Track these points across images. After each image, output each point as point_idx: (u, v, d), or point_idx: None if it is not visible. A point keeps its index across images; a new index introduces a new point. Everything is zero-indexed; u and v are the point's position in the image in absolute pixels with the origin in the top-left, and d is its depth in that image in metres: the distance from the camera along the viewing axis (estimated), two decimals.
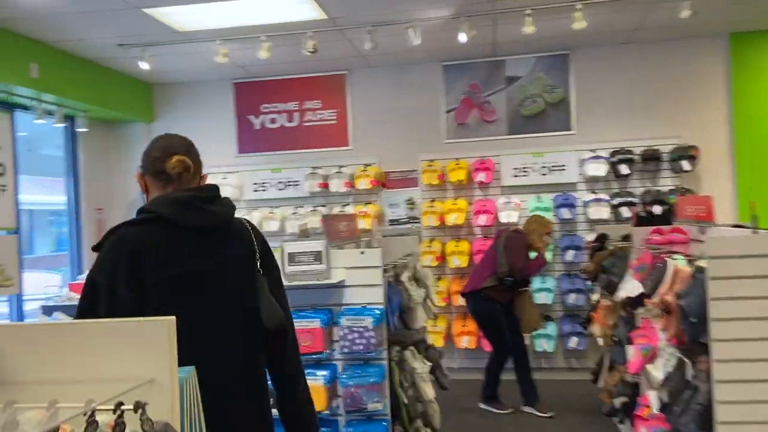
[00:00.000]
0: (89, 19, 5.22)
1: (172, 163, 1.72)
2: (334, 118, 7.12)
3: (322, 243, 3.01)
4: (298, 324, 2.93)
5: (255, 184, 7.03)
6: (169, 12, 5.17)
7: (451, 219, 6.35)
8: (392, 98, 7.00)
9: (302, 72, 7.05)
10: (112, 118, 7.11)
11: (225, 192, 1.79)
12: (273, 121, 7.22)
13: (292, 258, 3.00)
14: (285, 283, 2.01)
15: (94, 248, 1.67)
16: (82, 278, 6.65)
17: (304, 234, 3.32)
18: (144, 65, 6.01)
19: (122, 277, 1.57)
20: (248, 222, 1.86)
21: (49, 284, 7.15)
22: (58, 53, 6.00)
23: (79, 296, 1.63)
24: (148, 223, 1.65)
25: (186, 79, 7.21)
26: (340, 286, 3.09)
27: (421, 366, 3.68)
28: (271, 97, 7.21)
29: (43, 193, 9.48)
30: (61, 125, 6.30)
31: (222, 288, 1.70)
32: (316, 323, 2.92)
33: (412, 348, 3.69)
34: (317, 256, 3.00)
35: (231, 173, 6.98)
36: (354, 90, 7.08)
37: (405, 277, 3.63)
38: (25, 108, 5.99)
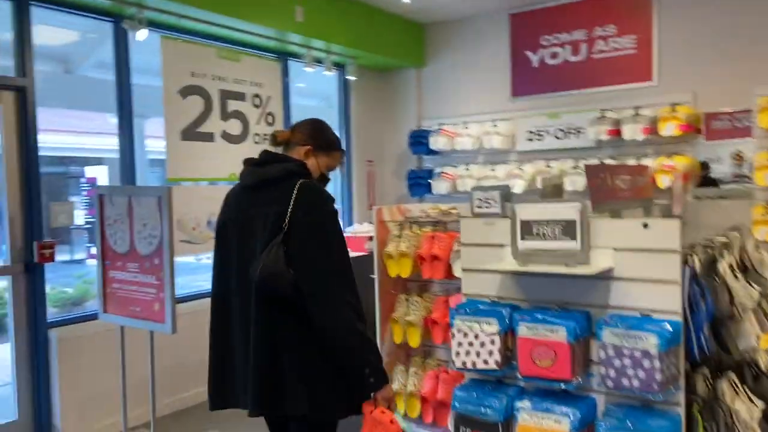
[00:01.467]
0: None
1: (274, 134, 2.26)
2: (633, 46, 5.56)
3: (576, 207, 1.88)
4: (533, 330, 1.87)
5: (529, 132, 5.92)
6: None
7: None
8: (718, 16, 5.15)
9: None
10: (382, 64, 6.67)
11: (492, 142, 1.45)
12: (554, 56, 5.97)
13: (528, 228, 1.93)
14: (515, 266, 2.00)
15: None
16: (352, 230, 6.45)
17: (553, 192, 2.20)
18: None
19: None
20: (304, 186, 2.04)
21: None
22: None
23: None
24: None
25: (458, 14, 6.37)
26: (604, 277, 1.92)
27: (747, 408, 2.28)
28: (553, 26, 5.95)
29: None
30: (330, 73, 6.03)
31: (243, 238, 2.09)
32: (559, 334, 1.83)
33: (731, 376, 2.31)
34: (568, 228, 1.88)
35: (502, 120, 5.99)
36: (663, 8, 5.41)
37: (724, 266, 2.25)
38: (296, 56, 5.85)
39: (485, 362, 1.92)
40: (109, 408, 4.25)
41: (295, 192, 1.99)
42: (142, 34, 4.44)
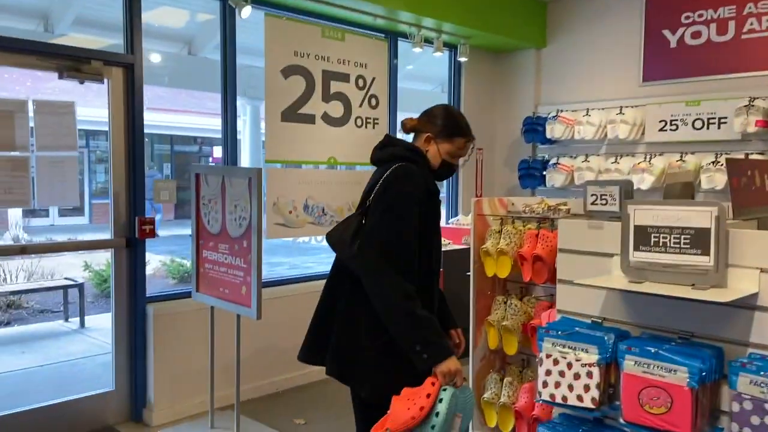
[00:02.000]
0: None
1: (403, 121, 2.38)
2: None
3: (710, 212, 1.45)
4: (644, 367, 1.47)
5: (662, 121, 5.25)
6: None
7: None
8: None
9: None
10: (498, 44, 6.22)
11: (617, 131, 3.19)
12: (696, 35, 5.24)
13: (644, 236, 1.53)
14: (624, 284, 1.64)
15: None
16: (455, 221, 6.11)
17: (682, 191, 1.75)
18: None
19: None
20: (397, 168, 2.16)
21: None
22: None
23: None
24: None
25: None
26: (744, 306, 1.48)
27: None
28: (696, 1, 5.23)
29: None
30: (440, 54, 5.69)
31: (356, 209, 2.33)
32: (679, 375, 1.42)
33: None
34: (698, 238, 1.46)
35: (629, 107, 5.36)
36: None
37: None
38: (404, 36, 5.57)
39: (579, 398, 1.56)
40: (199, 386, 4.25)
41: (387, 173, 2.12)
42: (246, 12, 4.35)
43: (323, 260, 6.64)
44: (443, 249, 2.59)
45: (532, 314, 3.30)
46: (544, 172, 5.81)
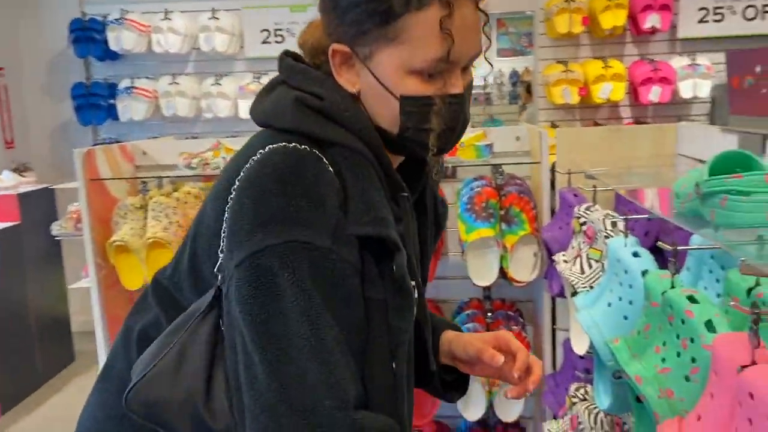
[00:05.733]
0: None
1: None
2: None
3: None
4: None
5: (264, 31, 4.23)
6: None
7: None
8: None
9: None
10: None
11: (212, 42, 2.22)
12: None
13: None
14: None
15: None
16: None
17: None
18: None
19: None
20: (261, 170, 0.82)
21: None
22: None
23: None
24: None
25: None
26: None
27: None
28: None
29: None
30: None
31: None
32: None
33: None
34: None
35: (223, 11, 4.13)
36: None
37: None
38: None
39: None
40: None
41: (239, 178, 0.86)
42: None
43: None
44: None
45: None
46: (114, 100, 4.15)
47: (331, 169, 0.81)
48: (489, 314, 2.02)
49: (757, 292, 0.86)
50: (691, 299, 0.87)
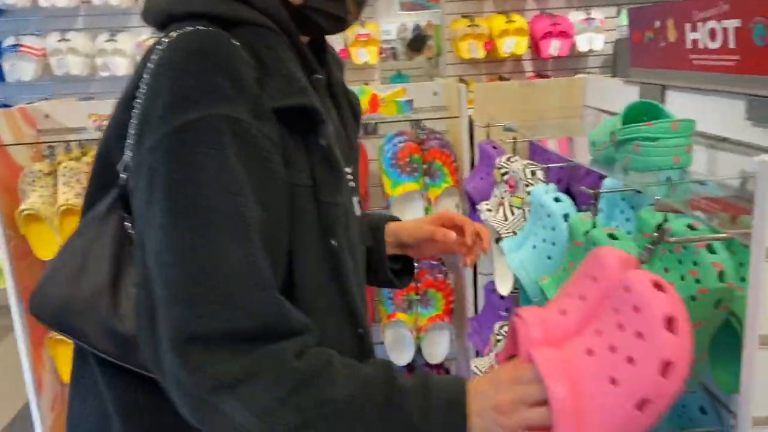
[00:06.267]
0: None
1: None
2: None
3: None
4: None
5: None
6: None
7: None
8: None
9: None
10: None
11: None
12: None
13: None
14: None
15: None
16: None
17: None
18: None
19: None
20: (176, 45, 0.77)
21: None
22: None
23: None
24: None
25: None
26: None
27: None
28: None
29: None
30: None
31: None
32: None
33: None
34: None
35: None
36: None
37: None
38: None
39: None
40: None
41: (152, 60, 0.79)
42: None
43: None
44: None
45: None
46: None
47: (243, 48, 0.78)
48: (415, 264, 2.10)
49: (666, 227, 0.96)
50: (612, 236, 0.97)
